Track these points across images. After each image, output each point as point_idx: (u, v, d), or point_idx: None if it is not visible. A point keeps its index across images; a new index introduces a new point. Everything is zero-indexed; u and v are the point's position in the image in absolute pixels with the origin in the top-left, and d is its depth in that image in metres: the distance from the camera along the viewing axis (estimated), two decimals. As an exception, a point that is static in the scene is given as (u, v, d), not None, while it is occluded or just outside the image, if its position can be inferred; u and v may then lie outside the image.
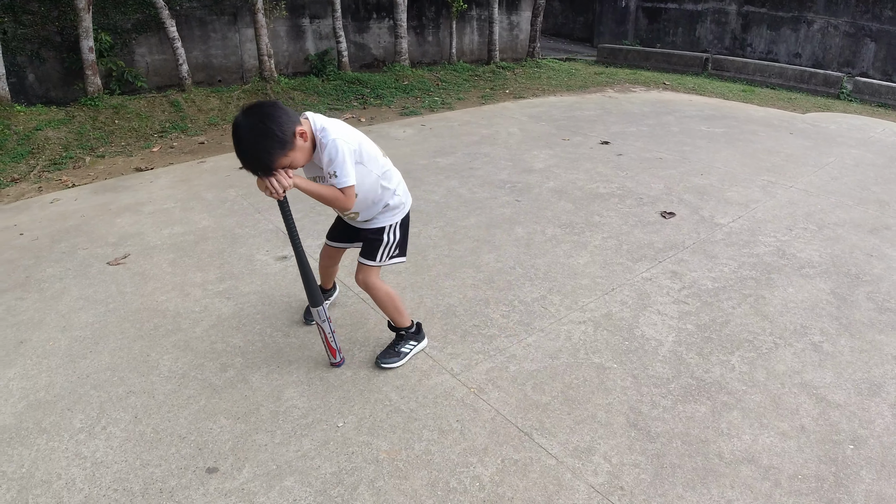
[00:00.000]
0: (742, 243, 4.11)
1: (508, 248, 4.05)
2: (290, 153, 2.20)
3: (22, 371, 2.88)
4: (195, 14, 8.85)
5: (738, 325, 3.14)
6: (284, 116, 2.17)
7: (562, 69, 11.63)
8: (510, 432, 2.39)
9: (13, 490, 2.21)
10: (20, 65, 7.50)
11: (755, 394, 2.62)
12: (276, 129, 2.13)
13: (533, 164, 5.86)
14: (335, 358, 2.81)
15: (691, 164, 5.83)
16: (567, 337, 3.03)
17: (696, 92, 10.05)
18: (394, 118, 8.02)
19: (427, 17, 11.65)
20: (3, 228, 4.57)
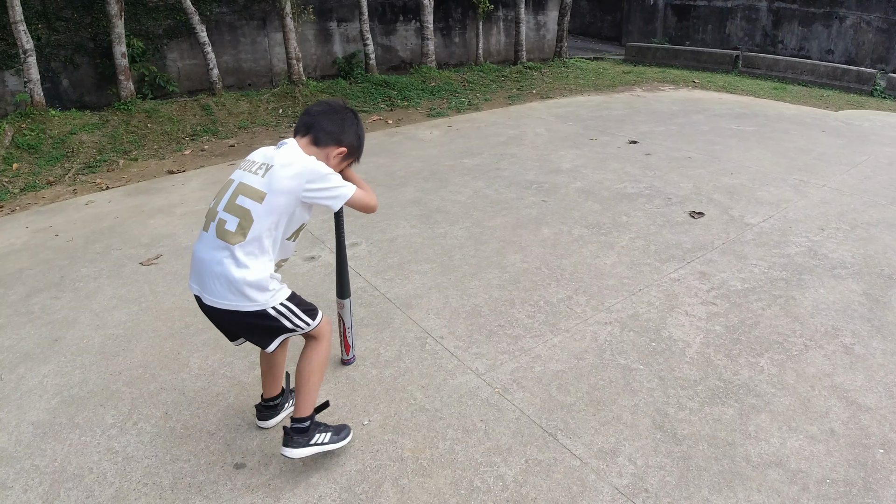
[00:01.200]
0: (773, 244, 4.03)
1: (534, 248, 4.03)
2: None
3: (56, 368, 2.96)
4: (225, 19, 9.01)
5: (768, 327, 3.08)
6: None
7: (589, 68, 11.55)
8: (534, 433, 2.38)
9: (45, 484, 2.27)
10: (54, 70, 7.72)
11: (784, 396, 2.57)
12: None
13: (560, 165, 5.83)
14: (347, 354, 2.84)
15: (721, 164, 5.74)
16: (593, 338, 3.00)
17: (727, 90, 9.89)
18: (421, 120, 8.05)
19: (453, 19, 11.67)
20: (39, 230, 4.71)
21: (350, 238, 4.26)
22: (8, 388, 2.83)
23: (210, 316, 2.12)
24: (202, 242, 2.04)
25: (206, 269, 2.00)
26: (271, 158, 2.02)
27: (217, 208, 2.02)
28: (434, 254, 3.99)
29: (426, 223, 4.50)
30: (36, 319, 3.43)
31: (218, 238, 1.98)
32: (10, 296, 3.70)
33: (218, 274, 1.97)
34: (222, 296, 1.99)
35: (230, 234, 1.96)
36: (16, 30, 6.26)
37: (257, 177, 2.00)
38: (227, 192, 2.03)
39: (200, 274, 2.03)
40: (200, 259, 2.02)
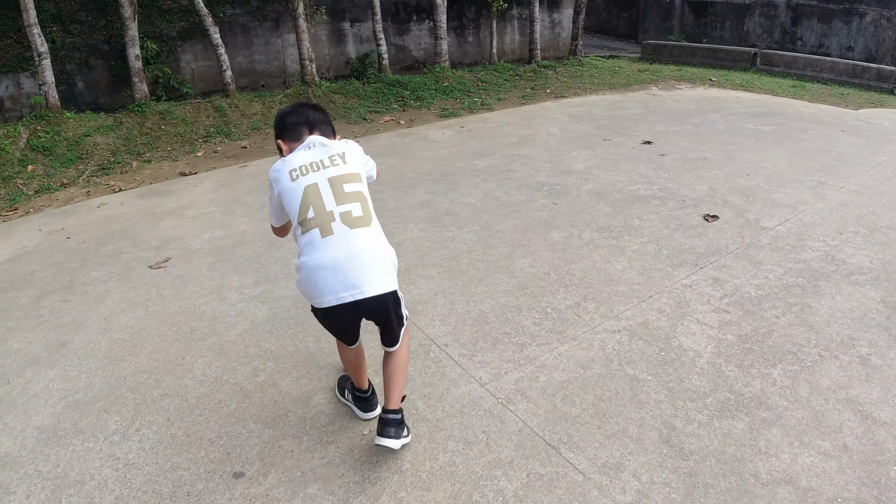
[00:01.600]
0: (788, 248, 3.93)
1: (543, 252, 3.98)
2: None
3: (63, 372, 2.97)
4: (238, 21, 9.04)
5: (782, 336, 3.00)
6: (279, 123, 2.30)
7: (605, 67, 11.43)
8: (537, 445, 2.33)
9: (48, 489, 2.28)
10: (69, 73, 7.80)
11: (797, 410, 2.49)
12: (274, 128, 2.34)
13: (572, 166, 5.76)
14: None
15: (737, 165, 5.63)
16: (600, 346, 2.94)
17: (744, 88, 9.72)
18: (433, 120, 8.02)
19: (467, 18, 11.61)
20: (51, 232, 4.75)
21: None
22: (15, 393, 2.84)
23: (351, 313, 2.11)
24: (335, 247, 2.01)
25: (359, 261, 2.01)
26: (332, 150, 2.16)
27: (328, 208, 2.04)
28: (441, 258, 3.95)
29: (434, 226, 4.46)
30: (45, 323, 3.45)
31: (353, 228, 2.03)
32: (20, 299, 3.73)
33: (374, 258, 2.03)
34: (382, 282, 2.05)
35: (362, 219, 2.06)
36: (30, 33, 6.32)
37: (340, 166, 2.11)
38: (325, 192, 2.06)
39: (350, 273, 2.00)
40: (345, 258, 2.00)
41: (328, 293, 2.02)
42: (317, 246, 2.02)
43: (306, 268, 2.05)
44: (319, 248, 2.02)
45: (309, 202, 2.05)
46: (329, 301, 2.03)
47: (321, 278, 2.01)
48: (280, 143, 2.28)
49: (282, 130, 2.27)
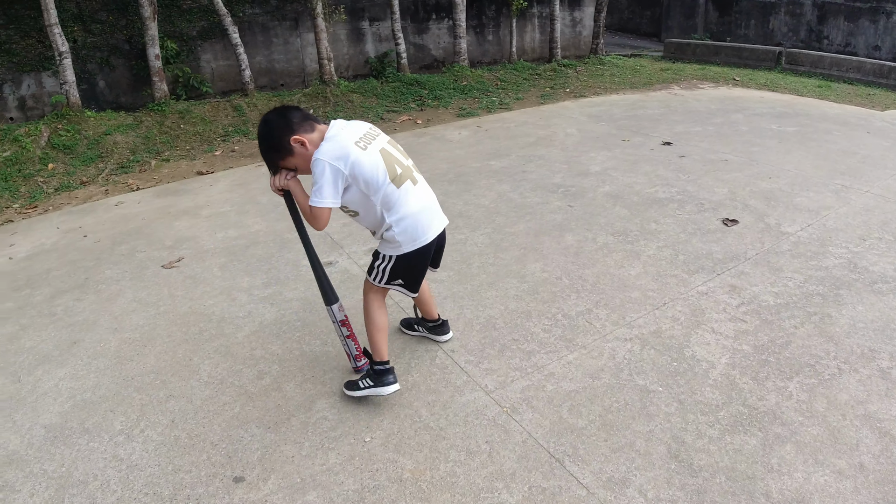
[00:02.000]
0: (810, 255, 3.81)
1: (556, 256, 3.91)
2: (290, 158, 2.34)
3: (72, 371, 2.99)
4: (258, 20, 9.09)
5: (800, 348, 2.90)
6: (282, 123, 2.31)
7: (626, 66, 11.28)
8: (541, 457, 2.28)
9: (52, 489, 2.29)
10: (90, 72, 7.91)
11: (812, 426, 2.40)
12: (270, 135, 2.33)
13: (589, 167, 5.67)
14: (356, 362, 2.77)
15: (759, 167, 5.50)
16: (611, 355, 2.87)
17: (768, 88, 9.51)
18: (450, 120, 7.98)
19: (487, 17, 11.54)
20: (69, 230, 4.80)
21: (369, 243, 4.21)
22: (25, 391, 2.87)
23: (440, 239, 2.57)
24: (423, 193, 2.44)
25: (435, 201, 2.52)
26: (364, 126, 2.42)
27: (404, 163, 2.41)
28: (452, 261, 3.90)
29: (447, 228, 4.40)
30: (58, 321, 3.48)
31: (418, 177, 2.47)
32: (35, 296, 3.77)
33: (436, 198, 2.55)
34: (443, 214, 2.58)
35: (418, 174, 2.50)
36: (51, 32, 6.41)
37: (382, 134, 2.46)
38: (395, 154, 2.38)
39: (436, 209, 2.52)
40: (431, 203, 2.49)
41: (432, 227, 2.45)
42: (413, 194, 2.38)
43: (411, 213, 2.37)
44: (416, 195, 2.39)
45: (392, 162, 2.33)
46: (434, 233, 2.46)
47: (426, 218, 2.42)
48: (298, 139, 2.27)
49: (293, 126, 2.29)
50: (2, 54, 7.25)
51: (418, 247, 2.42)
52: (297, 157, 2.32)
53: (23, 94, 7.52)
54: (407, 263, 2.48)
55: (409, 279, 2.56)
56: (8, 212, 5.33)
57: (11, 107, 7.49)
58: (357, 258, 4.03)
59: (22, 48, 7.37)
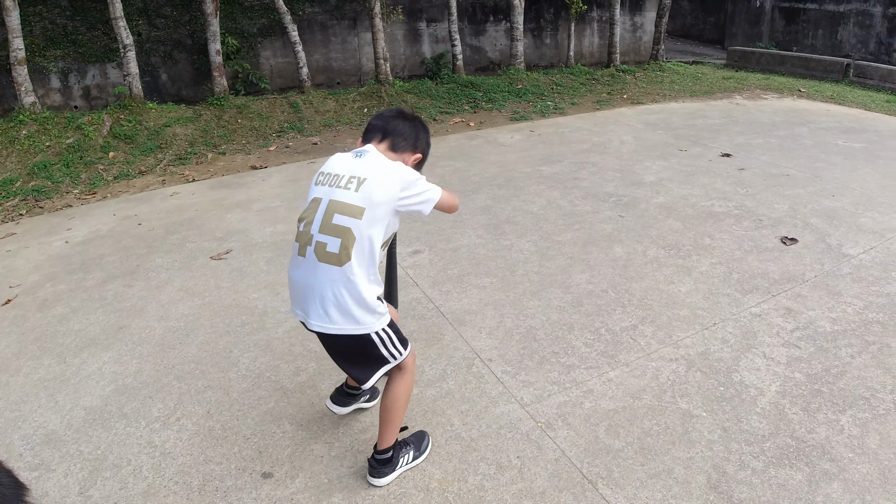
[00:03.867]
0: (872, 279, 3.57)
1: (603, 268, 3.79)
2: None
3: (116, 356, 3.07)
4: (317, 19, 9.21)
5: (855, 379, 2.70)
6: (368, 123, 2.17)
7: (687, 73, 10.95)
8: (573, 478, 2.19)
9: (86, 470, 2.33)
10: (154, 65, 8.17)
11: (862, 463, 2.23)
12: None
13: (643, 177, 5.51)
14: None
15: (823, 183, 5.22)
16: (654, 375, 2.75)
17: (835, 101, 9.06)
18: (503, 123, 7.90)
19: (545, 20, 11.40)
20: (125, 217, 4.95)
21: (414, 245, 4.19)
22: (69, 372, 2.95)
23: (321, 339, 2.07)
24: (301, 269, 1.96)
25: (311, 294, 1.94)
26: (360, 171, 1.93)
27: (311, 231, 1.93)
28: (496, 267, 3.84)
29: (493, 234, 4.35)
30: (107, 306, 3.58)
31: (320, 262, 1.90)
32: (88, 280, 3.90)
33: (324, 298, 1.92)
34: (330, 319, 1.94)
35: (333, 256, 1.89)
36: (116, 25, 6.66)
37: (350, 192, 1.90)
38: (318, 213, 1.92)
39: (304, 300, 1.98)
40: (303, 285, 1.97)
41: (294, 306, 2.07)
42: (293, 259, 2.01)
43: (289, 276, 2.07)
44: (293, 264, 2.02)
45: (305, 215, 1.98)
46: (295, 314, 2.08)
47: (291, 290, 2.07)
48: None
49: (364, 130, 2.16)
50: (68, 45, 7.57)
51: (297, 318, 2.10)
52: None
53: (87, 83, 7.83)
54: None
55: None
56: (68, 197, 5.55)
57: (76, 95, 7.81)
58: (401, 259, 4.00)
59: (88, 39, 7.67)
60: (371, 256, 1.92)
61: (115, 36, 6.86)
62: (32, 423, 2.61)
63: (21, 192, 5.52)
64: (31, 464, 2.38)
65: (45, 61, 7.41)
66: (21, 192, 5.52)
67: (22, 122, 6.36)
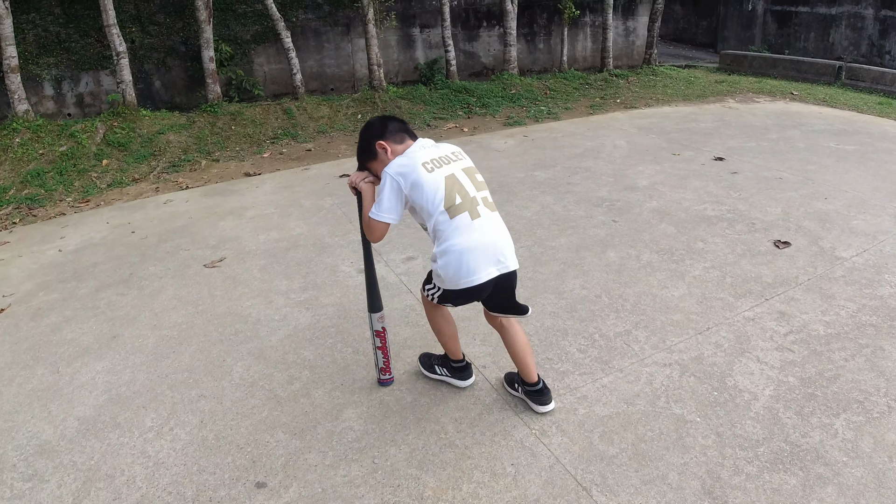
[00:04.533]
0: (865, 282, 3.59)
1: (597, 273, 3.80)
2: (374, 163, 2.39)
3: (110, 365, 3.06)
4: (310, 25, 9.23)
5: (849, 382, 2.71)
6: (377, 127, 2.39)
7: (680, 77, 11.01)
8: (567, 485, 2.19)
9: (79, 481, 2.32)
10: (147, 72, 8.17)
11: (857, 467, 2.23)
12: (363, 135, 2.43)
13: (636, 181, 5.53)
14: (381, 374, 2.78)
15: (815, 186, 5.25)
16: (648, 380, 2.76)
17: (827, 104, 9.12)
18: (497, 128, 7.92)
19: (538, 25, 11.44)
20: (118, 225, 4.94)
21: (407, 251, 4.19)
22: (62, 382, 2.94)
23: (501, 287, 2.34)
24: (482, 227, 2.22)
25: (502, 240, 2.27)
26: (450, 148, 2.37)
27: (471, 194, 2.24)
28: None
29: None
30: (100, 315, 3.57)
31: (493, 212, 2.29)
32: (81, 289, 3.88)
33: (508, 240, 2.31)
34: (513, 259, 2.31)
35: (494, 204, 2.32)
36: (109, 32, 6.66)
37: (464, 160, 2.36)
38: (464, 180, 2.26)
39: (497, 250, 2.24)
40: (491, 239, 2.23)
41: (481, 270, 2.22)
42: (468, 229, 2.20)
43: (456, 250, 2.20)
44: (471, 231, 2.20)
45: (455, 190, 2.21)
46: (481, 278, 2.22)
47: (475, 259, 2.20)
48: (383, 143, 2.34)
49: (385, 132, 2.36)
50: (61, 52, 7.57)
51: (461, 288, 2.26)
52: (378, 163, 2.37)
53: (81, 91, 7.82)
54: (453, 297, 2.38)
55: (461, 305, 2.48)
56: (61, 205, 5.53)
57: (69, 103, 7.80)
58: (394, 266, 4.00)
59: (81, 47, 7.67)
60: None
61: (109, 43, 6.86)
62: (25, 433, 2.60)
63: (14, 201, 5.50)
64: (24, 474, 2.37)
65: (38, 69, 7.41)
66: (14, 201, 5.50)
67: (15, 129, 6.35)
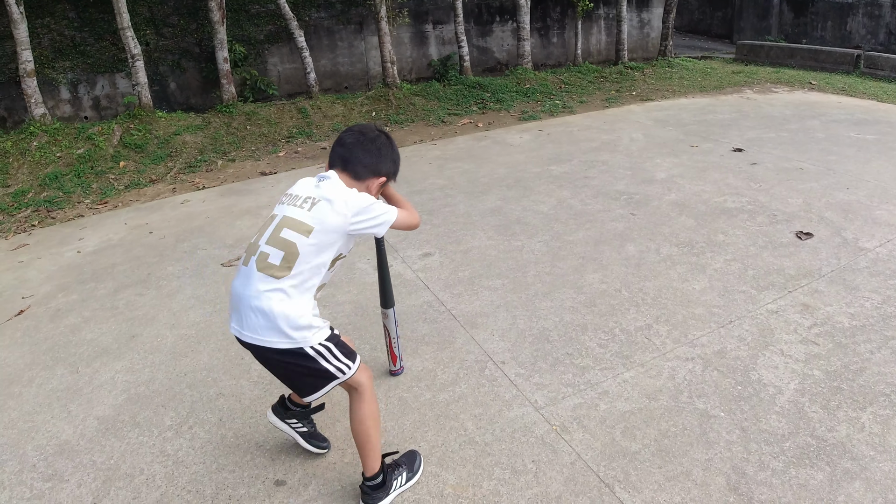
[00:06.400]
0: (890, 273, 3.50)
1: (616, 267, 3.75)
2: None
3: (129, 364, 3.06)
4: (323, 24, 9.23)
5: (876, 375, 2.64)
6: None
7: (696, 68, 10.87)
8: (589, 481, 2.15)
9: (99, 480, 2.32)
10: (162, 74, 8.23)
11: (885, 461, 2.17)
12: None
13: (654, 174, 5.45)
14: (395, 365, 2.80)
15: (836, 177, 5.14)
16: (670, 375, 2.70)
17: (846, 93, 8.94)
18: (511, 123, 7.87)
19: (552, 18, 11.36)
20: (136, 226, 4.97)
21: (424, 248, 4.17)
22: (82, 382, 2.95)
23: (254, 354, 2.02)
24: (240, 277, 1.96)
25: (245, 303, 1.91)
26: (316, 194, 1.97)
27: (259, 242, 1.95)
28: (507, 268, 3.80)
29: (503, 235, 4.32)
30: (119, 315, 3.58)
31: (259, 271, 1.90)
32: (100, 290, 3.90)
33: (256, 308, 1.89)
34: (261, 332, 1.90)
35: (273, 268, 1.89)
36: (123, 35, 6.70)
37: (303, 210, 1.94)
38: (270, 227, 1.96)
39: (238, 309, 1.95)
40: (238, 295, 1.94)
41: (231, 320, 2.02)
42: (238, 269, 2.01)
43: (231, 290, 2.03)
44: (236, 275, 2.01)
45: (260, 228, 2.03)
46: (234, 329, 2.00)
47: (230, 302, 2.03)
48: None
49: (329, 154, 2.16)
50: (77, 56, 7.64)
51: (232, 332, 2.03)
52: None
53: (97, 94, 7.90)
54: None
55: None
56: (79, 207, 5.58)
57: (86, 106, 7.88)
58: (411, 263, 3.98)
59: (96, 50, 7.74)
60: (313, 274, 1.93)
61: (124, 46, 6.91)
62: (45, 433, 2.61)
63: (33, 203, 5.56)
64: (44, 474, 2.37)
65: (54, 73, 7.48)
66: (33, 203, 5.56)
67: (33, 133, 6.41)
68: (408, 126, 7.90)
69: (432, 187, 5.41)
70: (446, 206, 4.92)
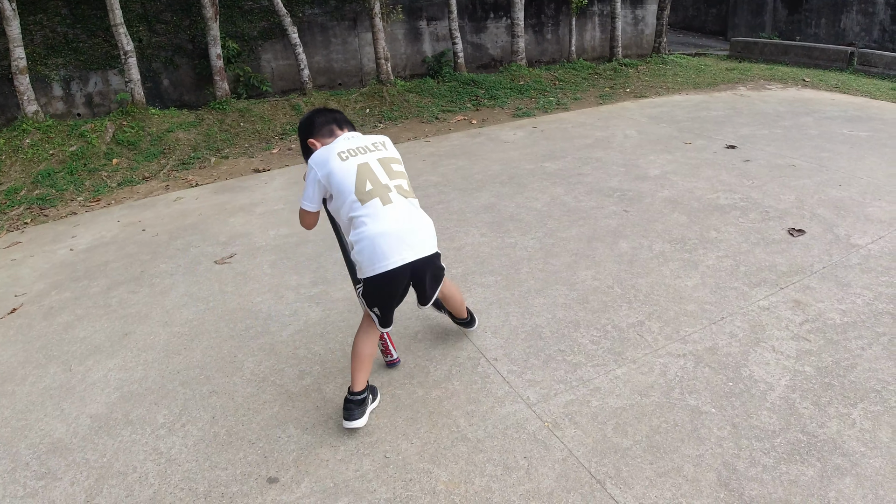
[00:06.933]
0: (881, 270, 3.52)
1: (609, 264, 3.76)
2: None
3: (122, 362, 3.06)
4: (317, 20, 9.20)
5: (866, 371, 2.66)
6: (306, 126, 2.54)
7: (690, 65, 10.89)
8: (581, 477, 2.16)
9: (92, 478, 2.33)
10: (155, 71, 8.19)
11: (875, 457, 2.19)
12: (299, 135, 2.60)
13: (647, 171, 5.47)
14: (390, 356, 2.84)
15: (829, 173, 5.16)
16: (662, 371, 2.72)
17: (840, 90, 8.97)
18: (505, 120, 7.87)
19: (546, 15, 11.35)
20: (129, 224, 4.96)
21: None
22: (75, 380, 2.95)
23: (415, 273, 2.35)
24: (392, 214, 2.24)
25: (413, 227, 2.29)
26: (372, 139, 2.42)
27: (383, 181, 2.30)
28: (500, 265, 3.81)
29: (497, 231, 4.32)
30: (112, 313, 3.58)
31: (407, 199, 2.32)
32: (92, 288, 3.90)
33: (426, 225, 2.35)
34: (430, 244, 2.35)
35: (410, 193, 2.37)
36: (116, 32, 6.68)
37: (384, 150, 2.41)
38: (377, 169, 2.31)
39: (408, 236, 2.26)
40: (401, 227, 2.25)
41: (393, 254, 2.23)
42: (378, 215, 2.24)
43: (369, 236, 2.23)
44: (381, 217, 2.24)
45: (365, 178, 2.27)
46: (394, 262, 2.23)
47: (386, 243, 2.22)
48: (312, 141, 2.51)
49: (311, 130, 2.51)
50: (69, 52, 7.61)
51: (377, 273, 2.25)
52: None
53: (90, 91, 7.86)
54: (374, 290, 2.35)
55: (381, 308, 2.41)
56: (72, 204, 5.56)
57: (79, 103, 7.84)
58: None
59: (89, 47, 7.71)
60: None
61: (116, 42, 6.89)
62: (38, 431, 2.61)
63: (26, 201, 5.54)
64: (37, 472, 2.37)
65: (46, 70, 7.44)
66: (26, 201, 5.54)
67: (25, 130, 6.38)
68: (402, 123, 7.90)
69: (426, 184, 5.41)
70: (440, 203, 4.92)
